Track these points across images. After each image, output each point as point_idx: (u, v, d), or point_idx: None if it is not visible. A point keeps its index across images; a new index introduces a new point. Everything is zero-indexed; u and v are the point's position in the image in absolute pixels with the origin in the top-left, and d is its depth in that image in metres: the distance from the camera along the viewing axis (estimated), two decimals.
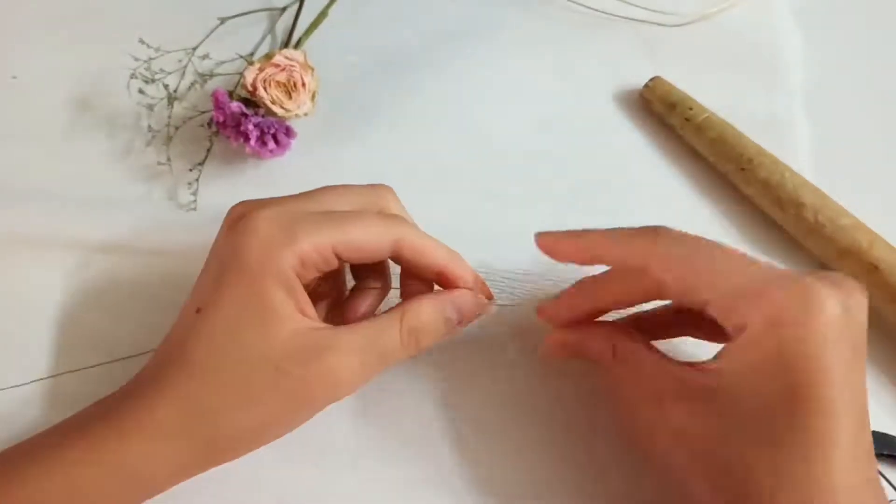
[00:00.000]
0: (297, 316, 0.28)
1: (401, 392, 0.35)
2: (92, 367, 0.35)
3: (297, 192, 0.41)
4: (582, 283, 0.32)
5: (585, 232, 0.31)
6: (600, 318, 0.33)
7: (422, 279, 0.32)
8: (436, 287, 0.33)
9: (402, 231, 0.30)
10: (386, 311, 0.30)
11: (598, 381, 0.35)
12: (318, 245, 0.28)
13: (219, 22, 0.45)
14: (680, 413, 0.27)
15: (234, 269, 0.28)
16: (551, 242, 0.32)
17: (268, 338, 0.27)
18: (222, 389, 0.27)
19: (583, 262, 0.32)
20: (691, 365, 0.29)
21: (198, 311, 0.28)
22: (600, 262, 0.31)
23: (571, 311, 0.32)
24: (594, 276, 0.32)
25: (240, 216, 0.29)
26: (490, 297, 0.33)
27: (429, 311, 0.30)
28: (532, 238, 0.39)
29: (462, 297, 0.31)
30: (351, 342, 0.28)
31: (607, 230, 0.31)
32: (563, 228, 0.32)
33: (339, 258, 0.29)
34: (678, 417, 0.27)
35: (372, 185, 0.32)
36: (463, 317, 0.31)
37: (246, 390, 0.27)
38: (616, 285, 0.31)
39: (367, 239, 0.29)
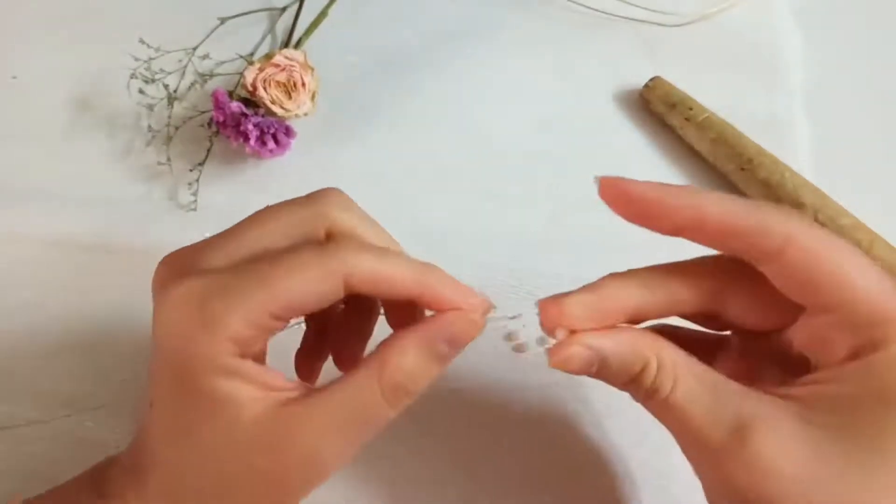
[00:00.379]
0: (256, 396, 0.23)
1: None
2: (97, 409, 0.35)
3: (296, 192, 0.41)
4: (638, 274, 0.25)
5: (683, 187, 0.24)
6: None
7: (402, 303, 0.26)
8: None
9: (349, 264, 0.23)
10: (363, 361, 0.25)
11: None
12: (249, 320, 0.23)
13: (219, 22, 0.45)
14: (773, 445, 0.22)
15: (164, 368, 0.24)
16: (631, 191, 0.24)
17: (228, 430, 0.23)
18: (194, 488, 0.24)
19: (670, 227, 0.24)
20: (765, 388, 0.24)
21: (151, 404, 0.25)
22: (704, 229, 0.24)
23: (608, 313, 0.25)
24: (668, 264, 0.25)
25: (160, 285, 0.25)
26: (486, 307, 0.26)
27: (412, 355, 0.24)
28: (531, 238, 0.40)
29: (451, 321, 0.25)
30: (325, 414, 0.23)
31: (714, 192, 0.24)
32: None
33: (283, 320, 0.24)
34: (771, 449, 0.22)
35: (311, 197, 0.26)
36: (458, 344, 0.25)
37: (218, 487, 0.24)
38: (707, 275, 0.25)
39: (306, 291, 0.23)
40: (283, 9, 0.47)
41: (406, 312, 0.27)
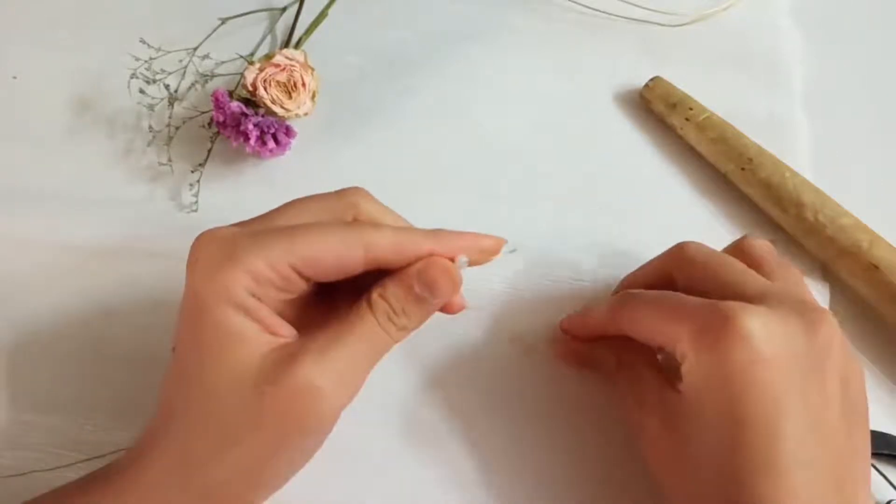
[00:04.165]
0: (263, 337, 0.26)
1: (405, 396, 0.35)
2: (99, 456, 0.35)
3: (296, 192, 0.41)
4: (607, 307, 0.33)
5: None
6: None
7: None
8: None
9: (370, 236, 0.27)
10: (353, 307, 0.27)
11: (604, 385, 0.35)
12: (270, 262, 0.25)
13: (219, 22, 0.45)
14: (654, 423, 0.29)
15: (187, 303, 0.26)
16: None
17: (233, 365, 0.25)
18: (204, 433, 0.25)
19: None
20: (672, 384, 0.29)
21: (173, 349, 0.27)
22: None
23: (590, 330, 0.34)
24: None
25: (195, 242, 0.27)
26: (495, 248, 0.29)
27: (391, 286, 0.27)
28: (531, 237, 0.40)
29: (424, 267, 0.28)
30: (324, 346, 0.26)
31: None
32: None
33: (304, 276, 0.26)
34: (652, 427, 0.29)
35: (340, 192, 0.29)
36: (434, 291, 0.27)
37: (225, 428, 0.25)
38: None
39: (328, 250, 0.26)
40: (283, 9, 0.47)
41: None
